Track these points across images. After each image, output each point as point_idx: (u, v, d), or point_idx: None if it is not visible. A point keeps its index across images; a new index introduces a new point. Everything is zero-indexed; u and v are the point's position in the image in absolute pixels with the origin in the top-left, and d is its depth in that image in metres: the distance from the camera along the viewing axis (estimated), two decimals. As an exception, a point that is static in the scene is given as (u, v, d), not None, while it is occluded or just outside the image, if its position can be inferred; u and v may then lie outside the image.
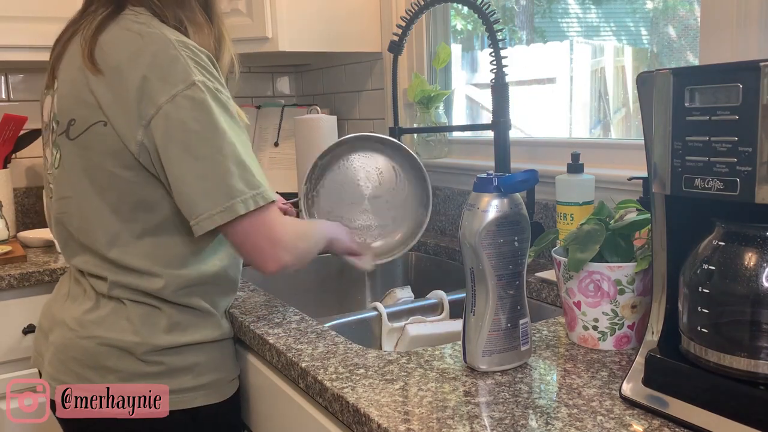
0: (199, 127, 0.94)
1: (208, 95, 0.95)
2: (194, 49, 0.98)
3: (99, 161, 1.00)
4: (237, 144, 0.96)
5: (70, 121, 1.03)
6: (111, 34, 0.99)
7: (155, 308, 1.04)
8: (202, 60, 0.98)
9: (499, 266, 0.86)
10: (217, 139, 0.95)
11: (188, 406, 1.06)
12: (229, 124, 0.97)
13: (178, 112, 0.94)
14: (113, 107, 0.97)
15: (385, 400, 0.80)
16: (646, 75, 0.74)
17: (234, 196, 0.95)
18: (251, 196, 0.96)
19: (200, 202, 0.95)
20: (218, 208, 0.95)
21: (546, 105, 1.80)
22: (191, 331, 1.06)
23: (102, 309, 1.05)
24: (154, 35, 0.97)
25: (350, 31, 1.96)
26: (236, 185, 0.95)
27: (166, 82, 0.94)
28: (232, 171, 0.95)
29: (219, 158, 0.95)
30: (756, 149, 0.64)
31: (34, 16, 1.84)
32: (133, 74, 0.95)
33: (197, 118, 0.94)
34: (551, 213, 1.43)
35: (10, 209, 1.95)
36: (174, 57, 0.95)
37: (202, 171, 0.95)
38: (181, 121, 0.94)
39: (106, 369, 1.03)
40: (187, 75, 0.94)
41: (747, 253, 0.70)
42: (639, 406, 0.75)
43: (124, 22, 1.00)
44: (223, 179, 0.95)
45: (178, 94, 0.94)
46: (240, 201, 0.95)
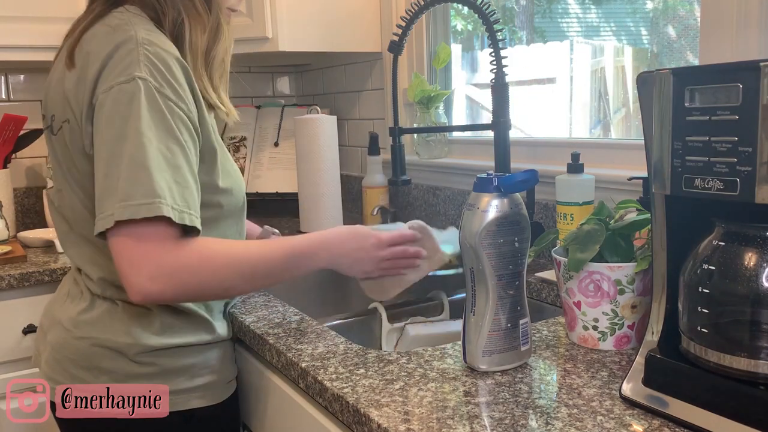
0: (119, 122, 0.90)
1: (143, 93, 0.90)
2: (158, 50, 0.94)
3: (74, 157, 1.00)
4: (149, 149, 0.88)
5: (52, 116, 1.05)
6: (92, 30, 1.00)
7: (147, 310, 1.04)
8: (161, 61, 0.93)
9: (499, 266, 0.86)
10: (129, 137, 0.89)
11: (183, 407, 1.06)
12: (151, 127, 0.89)
13: (107, 102, 0.91)
14: (76, 101, 0.97)
15: (385, 400, 0.80)
16: (646, 75, 0.74)
17: (119, 200, 0.87)
18: (136, 204, 0.86)
19: (99, 201, 0.90)
20: (107, 210, 0.88)
21: (546, 105, 1.80)
22: (183, 334, 1.06)
23: (96, 310, 1.05)
24: (124, 30, 0.95)
25: (350, 31, 1.96)
26: (126, 189, 0.87)
27: (111, 73, 0.92)
28: (130, 175, 0.87)
29: (120, 158, 0.88)
30: (756, 149, 0.64)
31: (34, 16, 1.84)
32: (94, 67, 0.94)
33: (120, 113, 0.90)
34: (551, 213, 1.43)
35: (10, 209, 1.95)
36: (129, 51, 0.93)
37: (108, 169, 0.90)
38: (107, 113, 0.91)
39: (100, 370, 1.03)
40: (131, 69, 0.91)
41: (747, 253, 0.70)
42: (639, 406, 0.75)
43: (108, 18, 1.00)
44: (120, 182, 0.87)
45: (115, 86, 0.91)
46: (122, 206, 0.87)
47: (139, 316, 1.04)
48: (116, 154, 0.89)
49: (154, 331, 1.03)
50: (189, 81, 0.97)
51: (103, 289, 1.04)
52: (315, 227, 1.82)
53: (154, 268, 0.88)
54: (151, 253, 0.88)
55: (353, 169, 2.22)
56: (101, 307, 1.05)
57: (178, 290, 0.92)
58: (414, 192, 1.90)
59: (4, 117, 1.95)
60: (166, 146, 0.91)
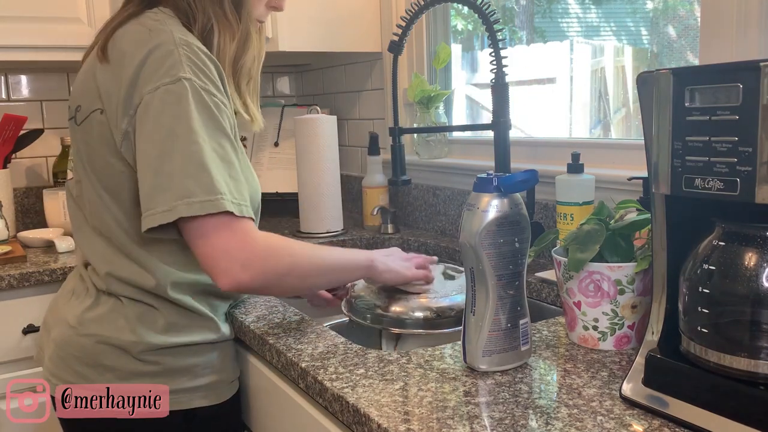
0: (169, 121, 0.92)
1: (190, 93, 0.93)
2: (195, 50, 0.97)
3: (97, 149, 1.02)
4: (205, 147, 0.92)
5: (77, 107, 1.06)
6: (126, 28, 1.01)
7: (152, 308, 1.04)
8: (200, 60, 0.96)
9: (499, 266, 0.86)
10: (182, 136, 0.91)
11: (185, 407, 1.06)
12: (203, 125, 0.93)
13: (155, 103, 0.93)
14: (109, 95, 0.98)
15: (385, 400, 0.80)
16: (646, 75, 0.74)
17: (180, 198, 0.89)
18: (200, 201, 0.89)
19: (150, 197, 0.92)
20: (163, 207, 0.90)
21: (546, 105, 1.80)
22: (188, 332, 1.06)
23: (101, 307, 1.05)
24: (161, 31, 0.97)
25: (350, 31, 1.96)
26: (188, 187, 0.90)
27: (156, 74, 0.94)
28: (189, 172, 0.90)
29: (177, 156, 0.91)
30: (756, 149, 0.64)
31: (34, 16, 1.84)
32: (131, 65, 0.95)
33: (171, 113, 0.92)
34: (551, 213, 1.43)
35: (10, 209, 1.95)
36: (169, 52, 0.95)
37: (160, 166, 0.92)
38: (155, 113, 0.93)
39: (104, 367, 1.03)
40: (175, 70, 0.93)
41: (747, 253, 0.70)
42: (639, 406, 0.75)
43: (143, 18, 1.02)
44: (174, 177, 0.90)
45: (161, 86, 0.93)
46: (184, 204, 0.89)
47: (143, 314, 1.04)
48: (168, 151, 0.91)
49: (158, 330, 1.04)
50: (222, 79, 1.00)
51: (109, 284, 1.05)
52: (315, 227, 1.82)
53: (246, 256, 0.92)
54: (234, 241, 0.92)
55: (353, 169, 2.22)
56: (106, 305, 1.05)
57: (267, 276, 0.95)
58: (414, 192, 1.90)
59: (4, 117, 1.95)
60: (218, 143, 0.94)
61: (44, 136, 2.10)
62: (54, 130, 2.18)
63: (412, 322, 1.13)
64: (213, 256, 0.91)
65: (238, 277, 0.91)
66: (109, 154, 1.00)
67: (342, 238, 1.80)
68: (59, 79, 2.20)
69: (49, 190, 1.99)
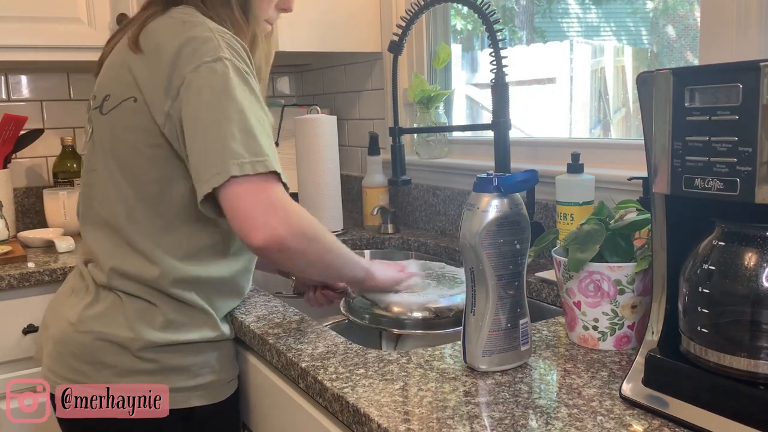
0: (213, 95, 0.95)
1: (231, 70, 0.96)
2: (230, 37, 1.00)
3: (124, 136, 1.04)
4: (249, 114, 0.95)
5: (105, 96, 1.07)
6: (157, 21, 1.04)
7: (151, 304, 1.05)
8: (236, 46, 1.00)
9: (499, 266, 0.86)
10: (227, 106, 0.94)
11: (183, 405, 1.06)
12: (245, 96, 0.96)
13: (198, 80, 0.95)
14: (147, 83, 1.00)
15: (385, 400, 0.80)
16: (646, 75, 0.74)
17: (230, 158, 0.91)
18: (249, 162, 0.92)
19: (201, 165, 0.94)
20: (214, 170, 0.92)
21: (546, 105, 1.80)
22: (186, 330, 1.06)
23: (100, 304, 1.06)
24: (195, 22, 1.01)
25: (350, 31, 1.96)
26: (235, 148, 0.92)
27: (195, 55, 0.97)
28: (235, 135, 0.93)
29: (225, 123, 0.93)
30: (756, 149, 0.64)
31: (34, 16, 1.84)
32: (169, 52, 0.98)
33: (214, 88, 0.95)
34: (551, 213, 1.43)
35: (10, 209, 1.95)
36: (207, 38, 0.98)
37: (207, 136, 0.94)
38: (198, 88, 0.95)
39: (103, 364, 1.03)
40: (215, 51, 0.97)
41: (747, 253, 0.70)
42: (639, 406, 0.75)
43: (172, 12, 1.05)
44: (224, 142, 0.93)
45: (202, 65, 0.96)
46: (236, 164, 0.91)
47: (142, 311, 1.04)
48: (214, 122, 0.94)
49: (157, 327, 1.04)
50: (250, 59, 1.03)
51: (111, 279, 1.05)
52: (315, 227, 1.82)
53: (285, 212, 0.94)
54: (277, 198, 0.94)
55: (353, 169, 2.22)
56: (105, 301, 1.05)
57: (301, 238, 0.96)
58: (414, 192, 1.90)
59: (4, 117, 1.95)
60: (258, 115, 0.98)
61: (44, 136, 2.10)
62: (54, 130, 2.18)
63: (411, 322, 1.13)
64: (252, 210, 0.92)
65: (275, 230, 0.92)
66: (138, 141, 1.02)
67: (342, 238, 1.80)
68: (59, 79, 2.20)
69: (49, 190, 1.99)
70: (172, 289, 1.05)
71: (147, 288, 1.05)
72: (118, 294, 1.05)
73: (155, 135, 1.01)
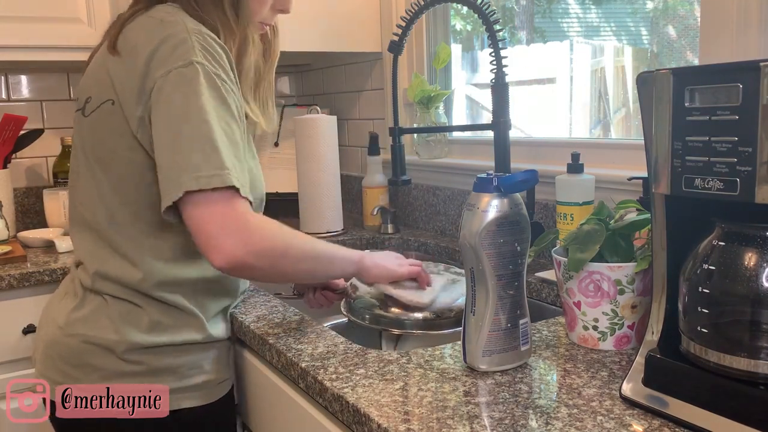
0: (180, 102, 0.93)
1: (201, 75, 0.94)
2: (207, 38, 0.98)
3: (105, 139, 1.03)
4: (214, 126, 0.93)
5: (87, 99, 1.07)
6: (136, 21, 1.03)
7: (136, 306, 1.04)
8: (212, 47, 0.98)
9: (499, 266, 0.86)
10: (193, 115, 0.92)
11: (172, 407, 1.05)
12: (213, 106, 0.94)
13: (167, 86, 0.94)
14: (123, 85, 0.99)
15: (385, 400, 0.80)
16: (646, 75, 0.74)
17: (189, 171, 0.90)
18: (206, 176, 0.90)
19: (164, 177, 0.93)
20: (173, 184, 0.91)
21: (546, 105, 1.80)
22: (172, 332, 1.05)
23: (86, 307, 1.06)
24: (173, 22, 0.99)
25: (350, 31, 1.96)
26: (195, 161, 0.90)
27: (167, 59, 0.95)
28: (197, 147, 0.91)
29: (187, 133, 0.92)
30: (756, 149, 0.64)
31: (34, 16, 1.84)
32: (143, 54, 0.97)
33: (182, 93, 0.93)
34: (551, 213, 1.43)
35: (10, 209, 1.95)
36: (183, 40, 0.96)
37: (173, 146, 0.93)
38: (167, 95, 0.94)
39: (90, 367, 1.03)
40: (188, 55, 0.95)
41: (747, 253, 0.70)
42: (639, 406, 0.75)
43: (153, 11, 1.03)
44: (184, 154, 0.91)
45: (173, 70, 0.94)
46: (192, 177, 0.90)
47: (127, 313, 1.04)
48: (180, 131, 0.92)
49: (142, 329, 1.04)
50: (232, 69, 1.01)
51: (95, 282, 1.05)
52: (315, 227, 1.82)
53: (243, 233, 0.91)
54: (235, 217, 0.91)
55: (353, 169, 2.22)
56: (91, 304, 1.05)
57: (261, 256, 0.94)
58: (414, 192, 1.90)
59: (4, 117, 1.95)
60: (226, 123, 0.95)
61: (44, 136, 2.10)
62: (54, 130, 2.18)
63: (411, 322, 1.13)
64: (209, 230, 0.90)
65: (232, 252, 0.90)
66: (118, 143, 1.01)
67: (342, 238, 1.80)
68: (59, 79, 2.20)
69: (49, 190, 1.99)
70: (157, 292, 1.04)
71: (131, 291, 1.04)
72: (104, 297, 1.05)
73: (130, 138, 0.99)
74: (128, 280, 1.04)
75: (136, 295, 1.04)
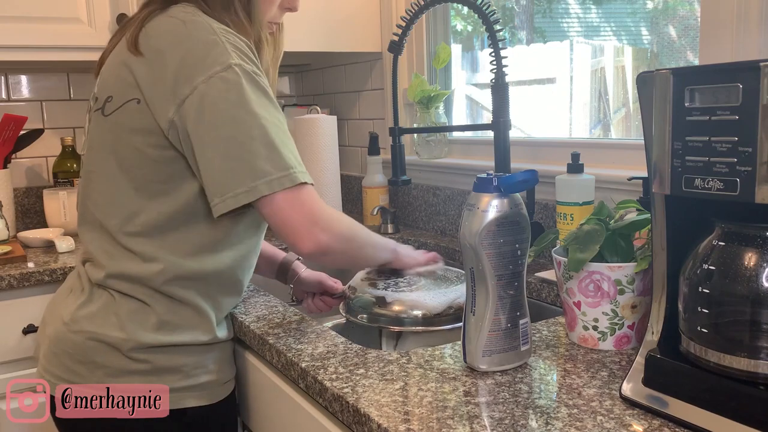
0: (230, 107, 0.95)
1: (243, 78, 0.96)
2: (234, 36, 1.00)
3: (128, 138, 1.03)
4: (269, 127, 0.96)
5: (108, 98, 1.06)
6: (157, 21, 1.03)
7: (144, 305, 1.04)
8: (242, 46, 1.00)
9: (499, 266, 0.86)
10: (247, 120, 0.95)
11: (176, 406, 1.06)
12: (262, 106, 0.97)
13: (211, 92, 0.95)
14: (150, 85, 0.99)
15: (385, 400, 0.80)
16: (646, 75, 0.74)
17: (259, 177, 0.94)
18: (277, 178, 0.95)
19: (225, 181, 0.95)
20: (242, 188, 0.94)
21: (546, 105, 1.80)
22: (180, 332, 1.06)
23: (94, 304, 1.06)
24: (198, 22, 1.00)
25: (350, 31, 1.96)
26: (262, 166, 0.94)
27: (204, 63, 0.96)
28: (259, 152, 0.95)
29: (247, 139, 0.95)
30: (756, 149, 0.64)
31: (34, 16, 1.84)
32: (173, 55, 0.97)
33: (229, 99, 0.95)
34: (551, 213, 1.43)
35: (10, 209, 1.95)
36: (214, 42, 0.97)
37: (229, 151, 0.95)
38: (213, 101, 0.95)
39: (95, 364, 1.03)
40: (224, 58, 0.96)
41: (747, 253, 0.70)
42: (639, 406, 0.75)
43: (172, 11, 1.04)
44: (249, 160, 0.95)
45: (214, 75, 0.95)
46: (264, 182, 0.94)
47: (135, 311, 1.04)
48: (234, 137, 0.95)
49: (149, 328, 1.04)
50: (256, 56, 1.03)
51: (107, 279, 1.05)
52: (315, 227, 1.82)
53: (322, 220, 0.99)
54: (312, 207, 0.98)
55: (353, 169, 2.22)
56: (99, 301, 1.05)
57: (342, 240, 1.03)
58: (414, 192, 1.90)
59: (4, 117, 1.95)
60: (278, 120, 0.99)
61: (44, 136, 2.10)
62: (54, 130, 2.18)
63: (410, 320, 1.13)
64: (294, 224, 0.97)
65: (319, 239, 0.98)
66: (142, 142, 1.01)
67: (342, 238, 1.80)
68: (59, 79, 2.20)
69: (49, 190, 1.99)
70: (171, 288, 1.04)
71: (142, 287, 1.04)
72: (112, 293, 1.05)
73: (159, 137, 1.00)
74: (144, 276, 1.04)
75: (147, 292, 1.04)
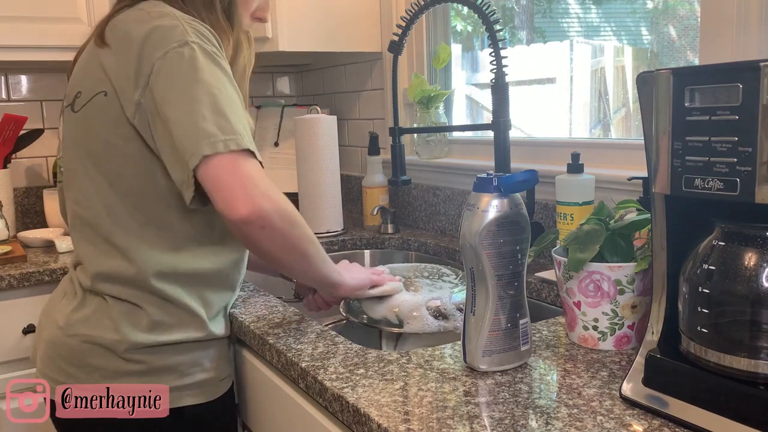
0: (182, 78, 0.95)
1: (199, 52, 0.96)
2: (198, 24, 1.00)
3: (98, 132, 1.03)
4: (219, 94, 0.95)
5: (77, 94, 1.07)
6: (123, 14, 1.04)
7: (136, 306, 1.04)
8: (203, 31, 1.00)
9: (499, 266, 0.86)
10: (196, 89, 0.94)
11: (173, 405, 1.06)
12: (216, 76, 0.96)
13: (166, 66, 0.95)
14: (118, 74, 1.00)
15: (385, 400, 0.80)
16: (646, 75, 0.74)
17: (202, 138, 0.91)
18: (222, 140, 0.91)
19: (177, 151, 0.93)
20: (188, 153, 0.92)
21: (546, 105, 1.80)
22: (173, 331, 1.06)
23: (87, 307, 1.06)
24: (162, 12, 1.01)
25: (350, 31, 1.96)
26: (207, 128, 0.92)
27: (162, 42, 0.96)
28: (205, 116, 0.92)
29: (195, 106, 0.93)
30: (756, 149, 0.64)
31: (34, 16, 1.84)
32: (136, 40, 0.98)
33: (182, 71, 0.95)
34: (551, 213, 1.43)
35: (10, 209, 1.95)
36: (174, 25, 0.98)
37: (180, 120, 0.93)
38: (167, 74, 0.95)
39: (91, 367, 1.03)
40: (182, 36, 0.97)
41: (747, 253, 0.70)
42: (639, 406, 0.75)
43: (140, 5, 1.05)
44: (196, 125, 0.92)
45: (170, 50, 0.96)
46: (208, 143, 0.91)
47: (127, 312, 1.04)
48: (186, 104, 0.93)
49: (142, 329, 1.04)
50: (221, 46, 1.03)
51: (94, 282, 1.05)
52: (315, 227, 1.82)
53: (266, 187, 0.93)
54: (254, 174, 0.93)
55: (353, 169, 2.22)
56: (92, 305, 1.06)
57: (282, 215, 0.94)
58: (414, 192, 1.90)
59: (4, 117, 1.95)
60: (229, 94, 0.97)
61: (44, 136, 2.11)
62: (54, 130, 2.18)
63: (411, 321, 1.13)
64: (232, 184, 0.91)
65: (259, 204, 0.91)
66: (112, 135, 1.01)
67: (342, 238, 1.80)
68: (59, 79, 2.20)
69: (49, 190, 1.99)
70: (157, 285, 1.04)
71: (131, 289, 1.04)
72: (104, 297, 1.05)
73: (126, 127, 1.00)
74: (128, 275, 1.04)
75: (137, 293, 1.04)
